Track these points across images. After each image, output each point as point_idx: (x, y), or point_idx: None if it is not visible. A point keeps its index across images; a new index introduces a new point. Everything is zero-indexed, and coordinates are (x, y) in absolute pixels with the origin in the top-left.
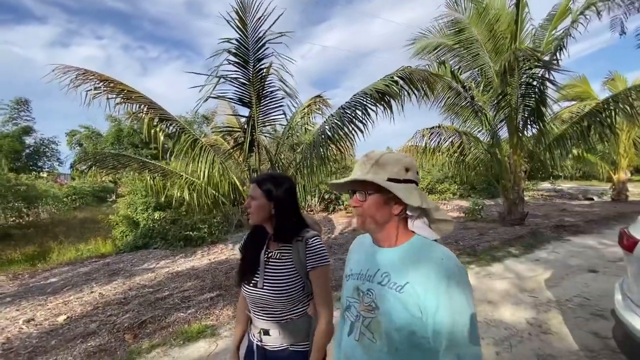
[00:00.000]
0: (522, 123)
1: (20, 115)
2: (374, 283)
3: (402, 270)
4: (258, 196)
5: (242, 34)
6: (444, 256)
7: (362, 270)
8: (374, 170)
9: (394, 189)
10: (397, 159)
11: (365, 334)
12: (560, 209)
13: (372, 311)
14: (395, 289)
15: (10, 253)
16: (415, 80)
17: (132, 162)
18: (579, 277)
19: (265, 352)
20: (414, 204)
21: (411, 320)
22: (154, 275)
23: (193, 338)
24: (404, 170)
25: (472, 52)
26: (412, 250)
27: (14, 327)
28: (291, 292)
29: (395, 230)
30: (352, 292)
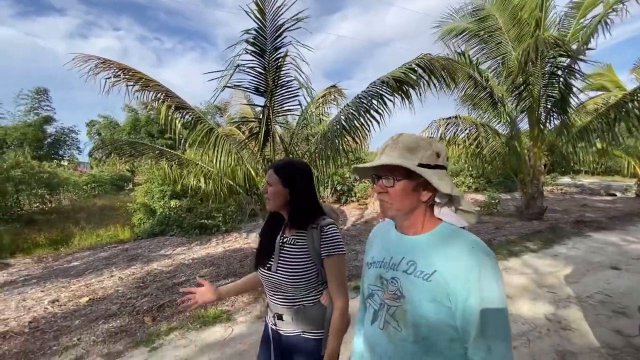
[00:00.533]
0: (544, 114)
1: (40, 105)
2: (398, 271)
3: (429, 258)
4: (275, 182)
5: (261, 23)
6: (474, 244)
7: (385, 258)
8: (404, 155)
9: (427, 175)
10: (428, 142)
11: (390, 322)
12: (581, 204)
13: (398, 299)
14: (422, 277)
15: (35, 237)
16: (435, 68)
17: (149, 150)
18: (601, 273)
19: (280, 337)
20: (445, 190)
21: (439, 310)
22: (170, 261)
23: (209, 322)
24: (436, 155)
25: (495, 40)
26: (439, 237)
27: (40, 307)
28: (304, 278)
29: (422, 217)
30: (374, 280)
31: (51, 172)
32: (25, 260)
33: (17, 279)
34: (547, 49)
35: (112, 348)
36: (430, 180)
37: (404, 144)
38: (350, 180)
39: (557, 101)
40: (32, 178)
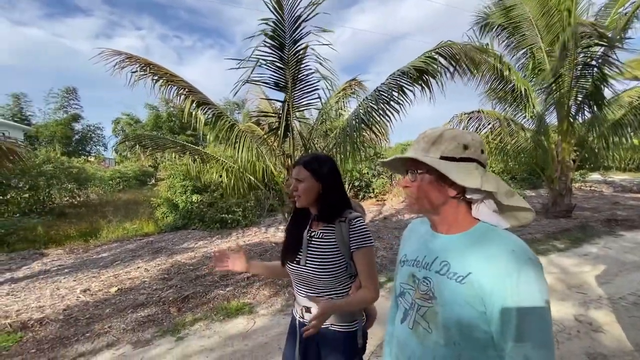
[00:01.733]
0: (574, 108)
1: (70, 103)
2: (431, 271)
3: (463, 259)
4: (306, 177)
5: (279, 15)
6: (515, 246)
7: (418, 256)
8: (427, 148)
9: (444, 167)
10: (454, 135)
11: (420, 323)
12: (612, 202)
13: (429, 300)
14: (455, 279)
15: (66, 229)
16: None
17: (171, 145)
18: (634, 274)
19: None
20: (469, 185)
21: (472, 314)
22: (193, 254)
23: (232, 314)
24: (462, 148)
25: (520, 32)
26: (475, 238)
27: (73, 295)
28: (333, 271)
29: (454, 215)
30: (406, 279)
31: (80, 167)
32: (58, 251)
33: (51, 269)
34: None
35: (141, 336)
36: (445, 172)
37: (428, 137)
38: (368, 176)
39: (590, 93)
40: (62, 173)
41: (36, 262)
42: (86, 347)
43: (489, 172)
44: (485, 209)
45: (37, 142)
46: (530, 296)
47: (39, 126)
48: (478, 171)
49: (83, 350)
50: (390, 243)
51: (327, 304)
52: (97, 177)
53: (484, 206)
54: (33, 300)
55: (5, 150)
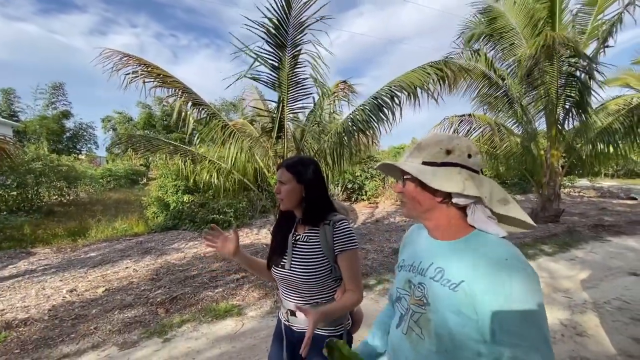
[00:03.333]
0: (562, 115)
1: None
2: (425, 277)
3: (457, 266)
4: (288, 180)
5: (285, 16)
6: (508, 255)
7: (414, 262)
8: (413, 154)
9: (418, 171)
10: (438, 140)
11: (413, 328)
12: (600, 207)
13: (423, 306)
14: (448, 287)
15: (54, 228)
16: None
17: (164, 145)
18: (620, 279)
19: (293, 333)
20: (446, 189)
21: (465, 322)
22: (183, 255)
23: (221, 316)
24: (444, 153)
25: (509, 40)
26: (469, 245)
27: (59, 295)
28: (318, 275)
29: (445, 220)
30: (403, 284)
31: (69, 165)
32: (45, 250)
33: (37, 268)
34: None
35: (127, 337)
36: (419, 177)
37: (417, 144)
38: (361, 178)
39: (575, 102)
40: (52, 171)
41: (22, 261)
42: (71, 348)
43: (484, 177)
44: (481, 215)
45: (26, 138)
46: (523, 304)
47: (27, 122)
48: (461, 175)
49: (67, 351)
50: (381, 245)
51: (317, 315)
52: (87, 175)
53: (479, 212)
54: (18, 300)
55: None
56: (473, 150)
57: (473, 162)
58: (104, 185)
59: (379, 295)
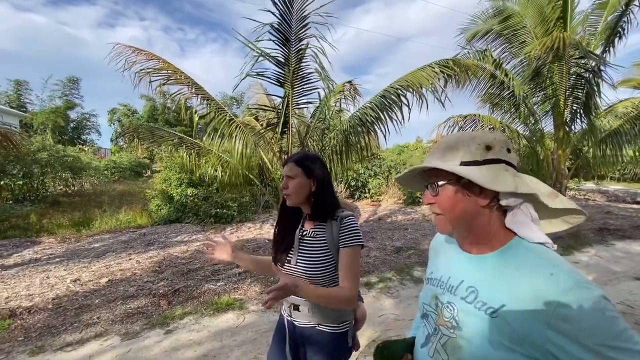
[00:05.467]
0: (570, 116)
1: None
2: (456, 296)
3: (494, 287)
4: (297, 174)
5: (287, 10)
6: (553, 269)
7: (442, 276)
8: (444, 155)
9: (467, 172)
10: (471, 136)
11: (440, 353)
12: (605, 211)
13: (452, 330)
14: (484, 311)
15: (58, 218)
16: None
17: (170, 137)
18: (624, 284)
19: (295, 328)
20: (500, 188)
21: (504, 353)
22: (186, 248)
23: (222, 309)
24: (483, 149)
25: (519, 39)
26: (509, 259)
27: (63, 285)
28: (324, 270)
29: (486, 229)
30: (429, 300)
31: (75, 156)
32: (50, 240)
33: (42, 257)
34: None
35: (130, 328)
36: (470, 178)
37: (445, 143)
38: (364, 176)
39: (584, 103)
40: (57, 161)
41: (27, 250)
42: (74, 337)
43: (523, 174)
44: (523, 218)
45: (32, 129)
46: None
47: (33, 113)
48: (508, 172)
49: (71, 340)
50: (383, 243)
51: (293, 280)
52: (92, 166)
53: (521, 214)
54: (22, 288)
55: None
56: (509, 144)
57: (513, 157)
58: (108, 177)
59: (380, 293)
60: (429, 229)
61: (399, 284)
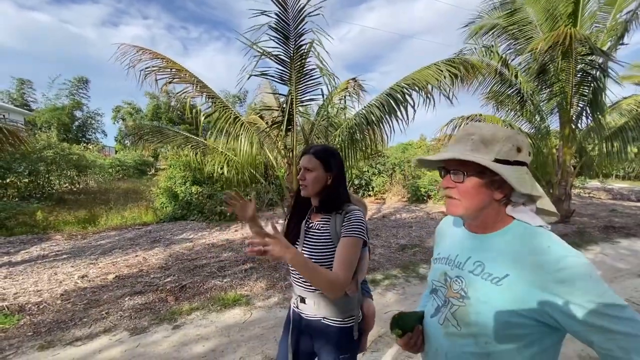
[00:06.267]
0: (576, 114)
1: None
2: (464, 271)
3: (499, 260)
4: (315, 167)
5: (282, 7)
6: (550, 242)
7: (450, 255)
8: (477, 148)
9: (504, 173)
10: (507, 135)
11: (450, 320)
12: (610, 209)
13: (462, 299)
14: (490, 281)
15: (65, 215)
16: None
17: (176, 137)
18: (629, 281)
19: (301, 319)
20: (525, 190)
21: (509, 316)
22: (192, 244)
23: (229, 305)
24: (516, 150)
25: (525, 35)
26: (511, 237)
27: (70, 281)
28: (325, 260)
29: (493, 217)
30: (438, 277)
31: (80, 154)
32: (56, 237)
33: (49, 254)
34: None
35: (138, 323)
36: (508, 180)
37: (479, 135)
38: (368, 174)
39: (590, 100)
40: (63, 159)
41: (34, 247)
42: (83, 331)
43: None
44: (523, 208)
45: (36, 127)
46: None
47: (38, 112)
48: (528, 176)
49: (80, 335)
50: (388, 241)
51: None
52: (96, 164)
53: (522, 206)
54: (31, 284)
55: (6, 132)
56: (531, 148)
57: (529, 160)
58: (113, 175)
59: (386, 290)
60: (433, 227)
61: (405, 281)
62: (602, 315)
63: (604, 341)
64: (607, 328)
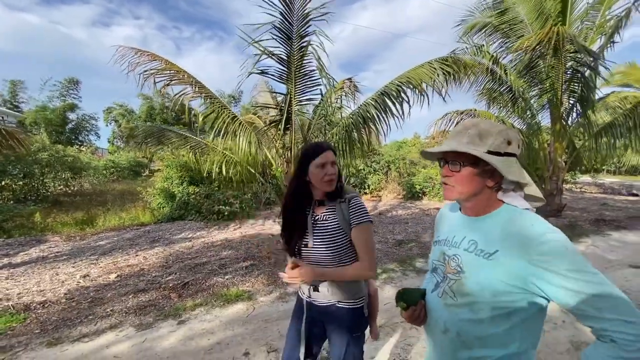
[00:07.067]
0: (566, 110)
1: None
2: (459, 249)
3: (490, 238)
4: (335, 161)
5: (288, 9)
6: (534, 221)
7: (448, 237)
8: (473, 141)
9: (495, 163)
10: (500, 130)
11: (447, 293)
12: (601, 203)
13: (457, 274)
14: (482, 256)
15: (62, 217)
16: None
17: (177, 137)
18: (619, 271)
19: (312, 307)
20: (513, 178)
21: (498, 286)
22: (191, 244)
23: (232, 300)
24: (506, 143)
25: (517, 33)
26: (500, 218)
27: (73, 280)
28: (339, 249)
29: (485, 201)
30: (438, 256)
31: (75, 156)
32: (55, 238)
33: (49, 255)
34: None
35: (143, 319)
36: (498, 168)
37: (475, 130)
38: (364, 172)
39: (580, 97)
40: (58, 161)
41: (34, 249)
42: (89, 328)
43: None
44: (512, 194)
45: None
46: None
47: (28, 113)
48: (517, 165)
49: (87, 331)
50: (385, 237)
51: (308, 270)
52: (91, 166)
53: (512, 192)
54: (33, 284)
55: (5, 134)
56: (520, 141)
57: (518, 151)
58: (107, 177)
59: (384, 283)
60: (428, 223)
61: (402, 274)
62: (576, 280)
63: (580, 303)
64: (581, 291)
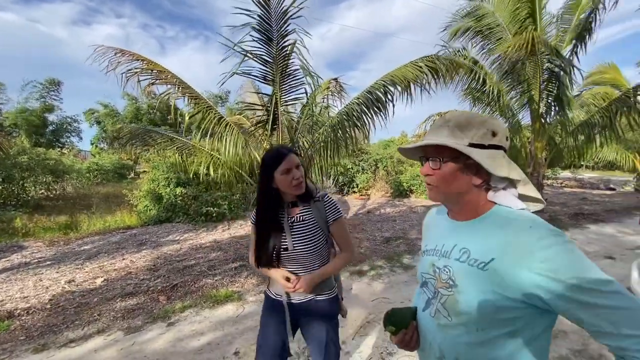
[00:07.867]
0: (545, 109)
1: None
2: (450, 259)
3: (483, 245)
4: (299, 164)
5: (264, 9)
6: (531, 222)
7: (436, 245)
8: (453, 134)
9: (477, 156)
10: (482, 120)
11: (440, 311)
12: (580, 197)
13: (450, 288)
14: (477, 266)
15: (45, 222)
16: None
17: (163, 138)
18: (595, 262)
19: (292, 305)
20: (500, 173)
21: (497, 300)
22: (179, 246)
23: (221, 301)
24: (490, 134)
25: (496, 36)
26: (493, 221)
27: (57, 286)
28: (319, 246)
29: (475, 203)
30: (427, 268)
31: (57, 159)
32: (37, 244)
33: (31, 261)
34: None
35: (132, 323)
36: (480, 161)
37: (455, 121)
38: (352, 171)
39: (557, 96)
40: (38, 165)
41: (15, 255)
42: (76, 333)
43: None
44: (502, 192)
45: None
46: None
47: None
48: (505, 159)
49: (73, 337)
50: (373, 235)
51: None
52: (74, 169)
53: (502, 190)
54: (16, 291)
55: None
56: (508, 133)
57: (508, 144)
58: (91, 180)
59: (372, 279)
60: (416, 220)
61: (390, 271)
62: (587, 291)
63: (592, 317)
64: (594, 303)
